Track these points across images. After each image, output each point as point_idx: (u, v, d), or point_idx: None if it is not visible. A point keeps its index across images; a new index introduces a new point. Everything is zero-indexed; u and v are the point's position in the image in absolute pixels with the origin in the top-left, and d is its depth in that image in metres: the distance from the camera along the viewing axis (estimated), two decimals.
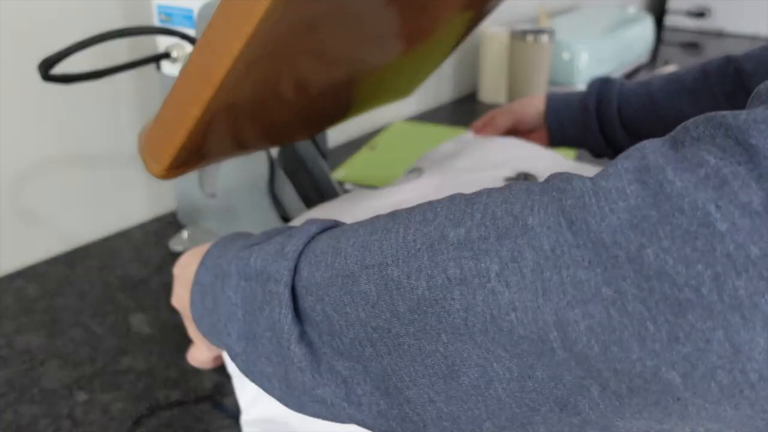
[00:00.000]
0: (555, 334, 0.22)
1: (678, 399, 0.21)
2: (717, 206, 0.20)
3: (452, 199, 0.28)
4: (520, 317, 0.23)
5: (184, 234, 0.70)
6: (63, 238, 0.71)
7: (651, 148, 0.22)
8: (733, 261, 0.19)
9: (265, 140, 0.56)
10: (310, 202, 0.67)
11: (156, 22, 0.65)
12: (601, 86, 0.71)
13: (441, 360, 0.26)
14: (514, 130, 0.76)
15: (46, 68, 0.46)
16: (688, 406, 0.21)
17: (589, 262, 0.22)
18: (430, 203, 0.29)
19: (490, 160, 0.66)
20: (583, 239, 0.22)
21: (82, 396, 0.49)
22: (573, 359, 0.23)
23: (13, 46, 0.62)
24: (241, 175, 0.65)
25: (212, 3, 0.57)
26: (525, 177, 0.62)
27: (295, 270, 0.31)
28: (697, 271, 0.20)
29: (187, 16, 0.61)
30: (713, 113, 0.22)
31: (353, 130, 1.04)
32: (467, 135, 0.72)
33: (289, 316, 0.30)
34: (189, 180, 0.69)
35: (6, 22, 0.61)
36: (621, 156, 0.23)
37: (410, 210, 0.29)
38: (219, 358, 0.44)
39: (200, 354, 0.43)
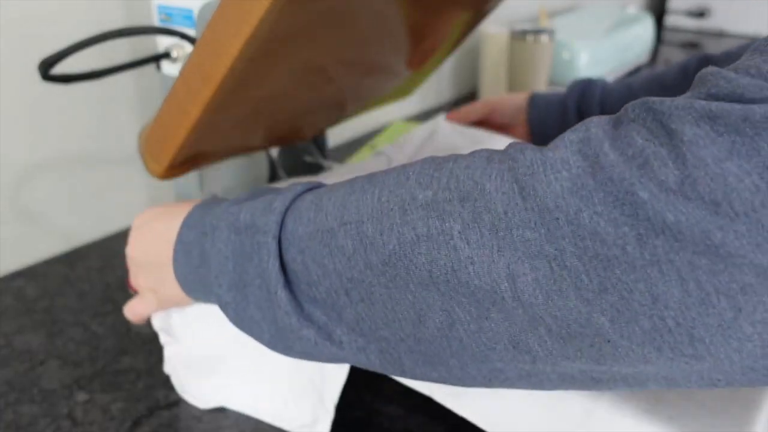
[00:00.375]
0: (506, 285, 0.26)
1: (608, 341, 0.25)
2: (640, 182, 0.23)
3: (424, 162, 0.31)
4: (477, 270, 0.27)
5: None
6: (63, 238, 0.71)
7: (595, 123, 0.26)
8: (652, 224, 0.23)
9: (265, 140, 0.56)
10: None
11: (156, 22, 0.65)
12: (583, 86, 0.73)
13: (409, 307, 0.29)
14: (487, 121, 0.78)
15: (45, 68, 0.46)
16: (618, 348, 0.25)
17: (535, 224, 0.25)
18: (404, 167, 0.32)
19: (457, 150, 0.69)
20: (531, 203, 0.25)
21: (82, 396, 0.49)
22: (521, 307, 0.26)
23: (12, 46, 0.62)
24: (241, 175, 0.65)
25: (212, 3, 0.57)
26: None
27: (282, 224, 0.34)
28: (623, 232, 0.23)
29: (187, 16, 0.61)
30: (649, 98, 0.25)
31: (353, 130, 1.04)
32: (439, 119, 0.74)
33: (277, 264, 0.33)
34: (189, 180, 0.69)
35: (6, 22, 0.61)
36: (570, 129, 0.27)
37: (386, 173, 0.32)
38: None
39: (143, 308, 0.44)
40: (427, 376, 0.32)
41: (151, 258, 0.42)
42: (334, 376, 0.43)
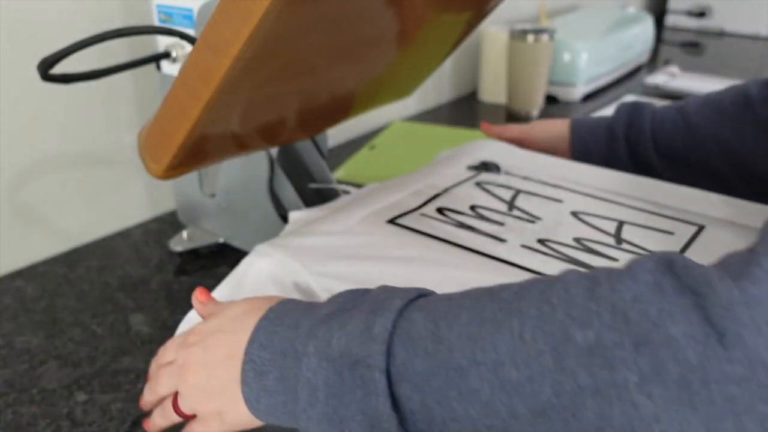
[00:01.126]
0: None
1: None
2: None
3: (567, 287, 0.26)
4: (665, 429, 0.23)
5: (184, 234, 0.70)
6: (63, 238, 0.71)
7: None
8: None
9: (264, 140, 0.56)
10: (310, 202, 0.67)
11: (156, 22, 0.64)
12: (632, 112, 0.68)
13: None
14: (521, 144, 0.73)
15: (45, 68, 0.46)
16: None
17: (742, 378, 0.21)
18: (539, 287, 0.27)
19: (455, 151, 0.68)
20: (735, 354, 0.22)
21: (81, 396, 0.49)
22: None
23: (12, 46, 0.62)
24: (241, 175, 0.64)
25: (212, 2, 0.57)
26: (487, 166, 0.63)
27: (389, 353, 0.30)
28: None
29: (187, 15, 0.61)
30: None
31: (353, 130, 1.04)
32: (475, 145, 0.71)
33: (389, 404, 0.29)
34: (189, 180, 0.69)
35: (5, 22, 0.61)
36: (760, 246, 0.23)
37: (520, 296, 0.28)
38: None
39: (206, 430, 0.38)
40: None
41: (214, 379, 0.36)
42: None
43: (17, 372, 0.52)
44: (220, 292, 0.47)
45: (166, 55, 0.61)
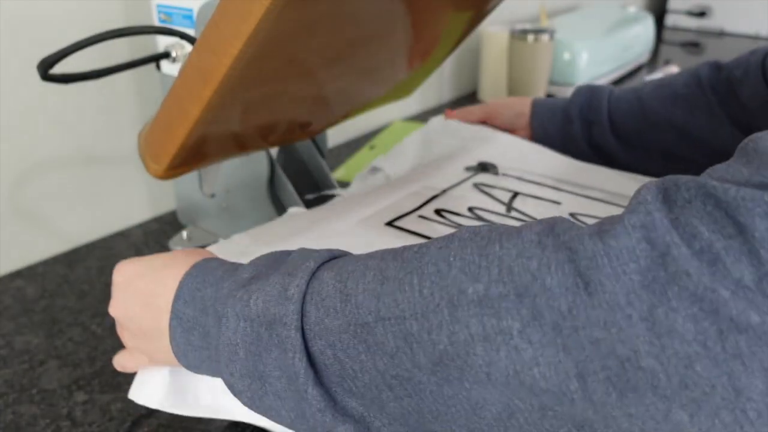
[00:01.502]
0: (576, 384, 0.25)
1: None
2: (715, 278, 0.22)
3: (463, 246, 0.28)
4: (543, 371, 0.25)
5: (184, 234, 0.70)
6: (63, 238, 0.70)
7: (652, 203, 0.24)
8: (735, 323, 0.22)
9: (264, 140, 0.56)
10: (309, 202, 0.67)
11: (156, 22, 0.64)
12: (588, 94, 0.70)
13: (464, 401, 0.28)
14: (487, 124, 0.76)
15: (45, 68, 0.46)
16: None
17: (605, 323, 0.24)
18: (438, 245, 0.29)
19: (453, 151, 0.68)
20: (598, 300, 0.24)
21: (81, 396, 0.49)
22: (591, 407, 0.25)
23: (12, 46, 0.62)
24: (241, 175, 0.64)
25: (212, 2, 0.57)
26: (484, 167, 0.63)
27: (302, 312, 0.32)
28: (703, 328, 0.22)
29: (187, 15, 0.61)
30: (702, 179, 0.24)
31: (353, 130, 1.04)
32: (431, 123, 0.73)
33: (305, 360, 0.31)
34: (189, 180, 0.69)
35: (5, 22, 0.61)
36: (626, 210, 0.25)
37: (420, 255, 0.30)
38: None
39: (133, 365, 0.42)
40: None
41: (139, 325, 0.39)
42: None
43: (17, 372, 0.52)
44: None
45: (165, 55, 0.61)
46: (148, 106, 0.75)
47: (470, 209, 0.55)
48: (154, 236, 0.74)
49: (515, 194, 0.57)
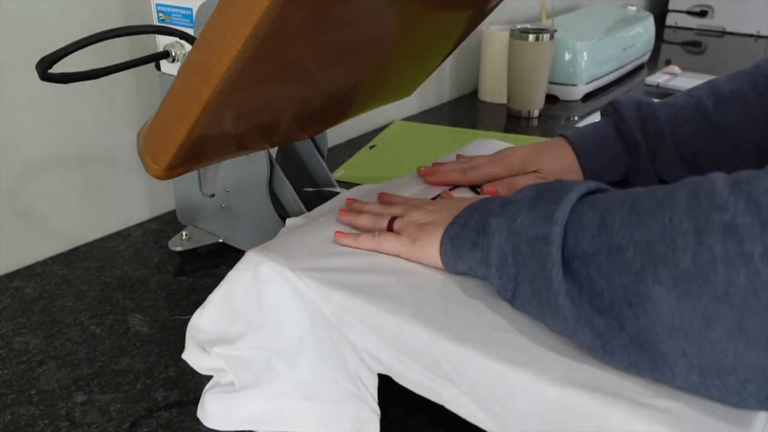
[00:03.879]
0: None
1: None
2: None
3: (713, 183, 0.32)
4: None
5: (183, 234, 0.70)
6: (62, 238, 0.70)
7: None
8: None
9: (264, 140, 0.55)
10: (309, 202, 0.67)
11: (155, 21, 0.64)
12: (642, 114, 0.59)
13: (699, 316, 0.31)
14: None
15: (44, 67, 0.46)
16: None
17: None
18: (690, 183, 0.33)
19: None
20: None
21: (80, 397, 0.49)
22: None
23: (12, 46, 0.62)
24: (240, 175, 0.64)
25: (211, 2, 0.57)
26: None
27: (564, 235, 0.37)
28: None
29: (187, 15, 0.61)
30: None
31: (353, 130, 1.04)
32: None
33: (560, 273, 0.36)
34: (188, 180, 0.69)
35: (5, 22, 0.61)
36: None
37: (671, 192, 0.34)
38: None
39: (393, 247, 0.48)
40: (693, 383, 0.33)
41: (432, 217, 0.47)
42: (369, 376, 0.43)
43: (16, 372, 0.52)
44: (210, 315, 0.46)
45: (165, 54, 0.60)
46: (147, 106, 0.75)
47: None
48: (153, 236, 0.73)
49: None
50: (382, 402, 0.44)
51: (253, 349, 0.44)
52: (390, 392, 0.48)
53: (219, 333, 0.45)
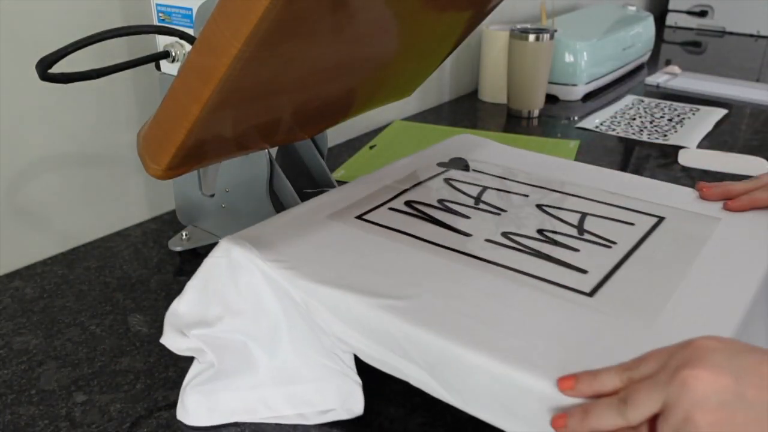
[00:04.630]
0: None
1: None
2: None
3: None
4: None
5: (183, 234, 0.70)
6: (61, 238, 0.70)
7: None
8: None
9: (264, 140, 0.55)
10: (308, 197, 0.67)
11: (155, 21, 0.64)
12: None
13: None
14: None
15: (44, 68, 0.46)
16: None
17: None
18: None
19: (428, 149, 0.70)
20: None
21: (80, 397, 0.49)
22: None
23: (11, 45, 0.62)
24: (240, 175, 0.64)
25: (211, 1, 0.57)
26: (456, 163, 0.65)
27: None
28: None
29: (186, 14, 0.61)
30: None
31: (353, 130, 1.04)
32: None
33: None
34: (188, 180, 0.69)
35: (4, 21, 0.61)
36: None
37: None
38: None
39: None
40: None
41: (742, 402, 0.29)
42: (344, 353, 0.44)
43: (16, 373, 0.52)
44: (187, 301, 0.47)
45: (165, 54, 0.60)
46: (147, 106, 0.75)
47: (440, 201, 0.56)
48: (153, 236, 0.73)
49: (484, 188, 0.59)
50: (382, 401, 0.44)
51: (232, 333, 0.45)
52: (390, 392, 0.48)
53: (198, 317, 0.46)
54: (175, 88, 0.41)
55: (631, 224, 0.52)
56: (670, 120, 1.09)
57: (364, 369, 0.44)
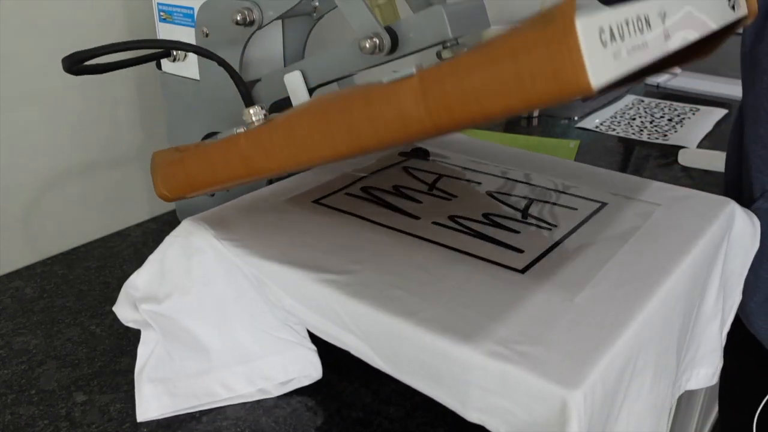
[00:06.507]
0: None
1: None
2: None
3: None
4: None
5: None
6: (61, 238, 0.70)
7: None
8: None
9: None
10: None
11: (156, 20, 0.64)
12: None
13: None
14: None
15: (75, 62, 0.46)
16: None
17: None
18: None
19: None
20: None
21: (80, 397, 0.49)
22: None
23: (10, 45, 0.62)
24: None
25: (212, 2, 0.56)
26: (417, 152, 0.66)
27: None
28: None
29: (188, 14, 0.61)
30: None
31: None
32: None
33: None
34: None
35: (2, 21, 0.61)
36: None
37: None
38: None
39: None
40: None
41: None
42: (296, 325, 0.47)
43: (16, 373, 0.52)
44: (144, 275, 0.48)
45: (166, 54, 0.60)
46: (147, 106, 0.75)
47: (395, 187, 0.58)
48: (153, 236, 0.73)
49: (440, 176, 0.60)
50: (382, 401, 0.44)
51: (178, 313, 0.46)
52: (390, 392, 0.48)
53: (150, 292, 0.47)
54: (229, 153, 0.41)
55: (574, 209, 0.53)
56: (670, 120, 1.09)
57: (364, 369, 0.44)
